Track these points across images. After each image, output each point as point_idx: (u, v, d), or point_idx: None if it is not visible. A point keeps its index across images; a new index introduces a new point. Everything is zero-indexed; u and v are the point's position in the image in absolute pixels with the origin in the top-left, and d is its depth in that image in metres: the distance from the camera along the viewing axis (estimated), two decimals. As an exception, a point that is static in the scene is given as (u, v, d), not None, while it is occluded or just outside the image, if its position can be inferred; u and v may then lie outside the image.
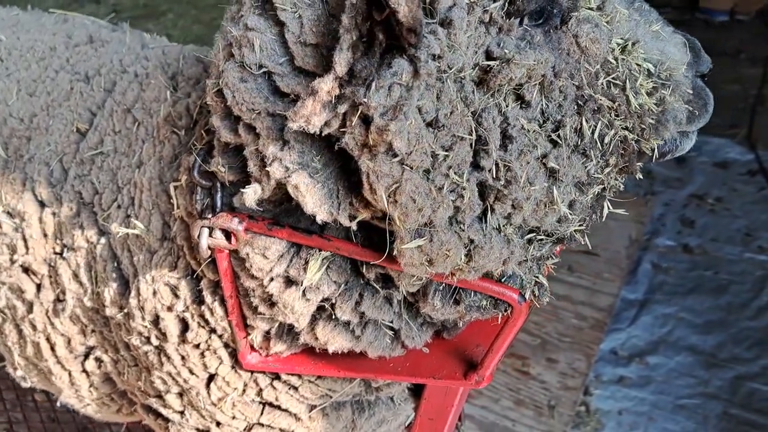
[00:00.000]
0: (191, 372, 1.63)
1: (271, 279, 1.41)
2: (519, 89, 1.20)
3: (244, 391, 1.64)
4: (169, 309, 1.58)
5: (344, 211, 1.26)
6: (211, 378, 1.65)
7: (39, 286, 1.83)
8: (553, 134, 1.24)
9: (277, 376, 1.64)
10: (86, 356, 1.88)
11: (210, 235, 1.38)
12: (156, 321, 1.61)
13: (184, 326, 1.61)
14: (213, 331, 1.59)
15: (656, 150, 1.41)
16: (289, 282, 1.41)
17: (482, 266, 1.28)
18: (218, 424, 1.70)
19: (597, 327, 4.02)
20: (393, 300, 1.47)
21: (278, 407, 1.67)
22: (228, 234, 1.38)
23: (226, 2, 1.27)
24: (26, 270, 1.84)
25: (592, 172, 1.30)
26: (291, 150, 1.21)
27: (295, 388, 1.64)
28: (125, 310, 1.66)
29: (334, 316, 1.46)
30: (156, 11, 7.82)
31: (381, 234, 1.28)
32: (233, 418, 1.68)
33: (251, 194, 1.30)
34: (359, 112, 1.11)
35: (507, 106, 1.19)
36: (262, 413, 1.67)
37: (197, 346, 1.61)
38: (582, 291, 4.20)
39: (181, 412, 1.74)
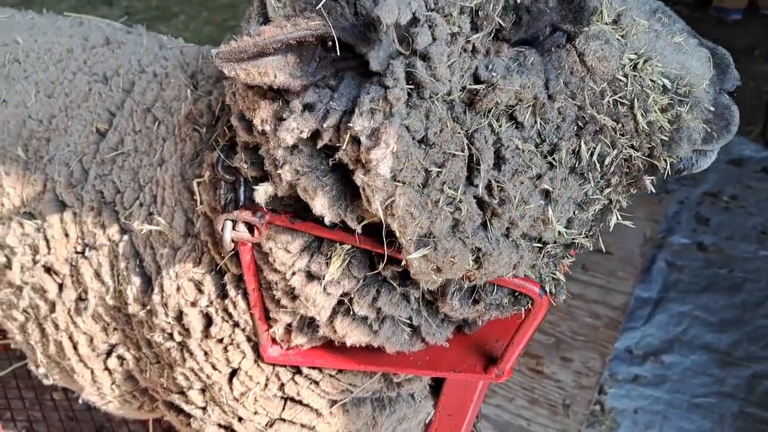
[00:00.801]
0: (214, 367, 1.65)
1: (293, 273, 1.43)
2: (511, 110, 1.19)
3: (266, 385, 1.65)
4: (193, 304, 1.60)
5: (352, 213, 1.29)
6: (234, 373, 1.66)
7: (61, 286, 1.85)
8: (549, 156, 1.23)
9: (298, 371, 1.65)
10: (108, 354, 1.90)
11: (233, 228, 1.40)
12: (179, 317, 1.62)
13: (208, 321, 1.62)
14: (236, 324, 1.60)
15: (669, 168, 1.37)
16: (311, 276, 1.43)
17: (493, 272, 1.29)
18: (240, 419, 1.71)
19: (611, 326, 4.00)
20: (410, 297, 1.48)
21: (300, 402, 1.68)
22: (251, 227, 1.41)
23: (237, 4, 1.29)
24: (48, 270, 1.85)
25: (590, 193, 1.29)
26: (300, 153, 1.25)
27: (316, 383, 1.65)
28: (148, 307, 1.67)
29: (351, 311, 1.47)
30: (168, 13, 7.85)
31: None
32: (255, 413, 1.69)
33: (262, 193, 1.35)
34: (349, 134, 1.16)
35: (500, 126, 1.19)
36: (283, 408, 1.68)
37: (220, 340, 1.62)
38: (596, 289, 4.19)
39: (204, 408, 1.75)
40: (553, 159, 1.22)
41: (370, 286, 1.44)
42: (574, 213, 1.30)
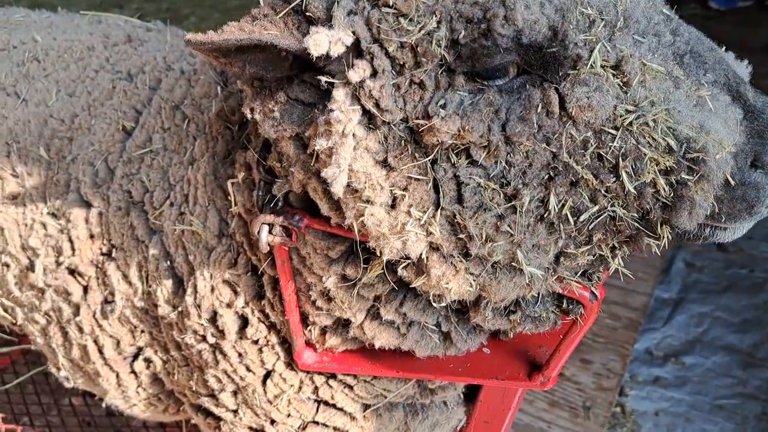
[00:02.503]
0: (248, 369, 1.62)
1: (329, 276, 1.40)
2: (466, 148, 1.12)
3: (300, 388, 1.63)
4: (229, 306, 1.57)
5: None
6: (268, 375, 1.63)
7: (86, 288, 1.81)
8: (513, 200, 1.14)
9: (332, 375, 1.62)
10: (135, 357, 1.87)
11: (270, 231, 1.36)
12: (213, 318, 1.59)
13: (243, 322, 1.59)
14: (272, 326, 1.58)
15: (668, 238, 1.17)
16: (346, 278, 1.41)
17: (502, 297, 1.22)
18: (272, 422, 1.68)
19: (631, 327, 3.96)
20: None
21: (333, 406, 1.65)
22: (288, 230, 1.37)
23: (248, 5, 1.29)
24: (72, 272, 1.82)
25: (561, 245, 1.18)
26: (310, 154, 1.23)
27: (351, 387, 1.62)
28: (179, 309, 1.64)
29: (380, 315, 1.45)
30: (179, 15, 7.88)
31: None
32: (288, 416, 1.66)
33: (277, 188, 1.36)
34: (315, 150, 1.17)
35: (458, 162, 1.13)
36: (317, 411, 1.65)
37: (255, 342, 1.60)
38: (615, 291, 4.14)
39: (235, 411, 1.72)
40: (515, 204, 1.14)
41: (398, 291, 1.41)
42: (558, 259, 1.20)
